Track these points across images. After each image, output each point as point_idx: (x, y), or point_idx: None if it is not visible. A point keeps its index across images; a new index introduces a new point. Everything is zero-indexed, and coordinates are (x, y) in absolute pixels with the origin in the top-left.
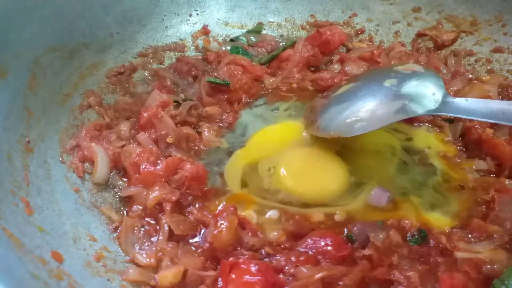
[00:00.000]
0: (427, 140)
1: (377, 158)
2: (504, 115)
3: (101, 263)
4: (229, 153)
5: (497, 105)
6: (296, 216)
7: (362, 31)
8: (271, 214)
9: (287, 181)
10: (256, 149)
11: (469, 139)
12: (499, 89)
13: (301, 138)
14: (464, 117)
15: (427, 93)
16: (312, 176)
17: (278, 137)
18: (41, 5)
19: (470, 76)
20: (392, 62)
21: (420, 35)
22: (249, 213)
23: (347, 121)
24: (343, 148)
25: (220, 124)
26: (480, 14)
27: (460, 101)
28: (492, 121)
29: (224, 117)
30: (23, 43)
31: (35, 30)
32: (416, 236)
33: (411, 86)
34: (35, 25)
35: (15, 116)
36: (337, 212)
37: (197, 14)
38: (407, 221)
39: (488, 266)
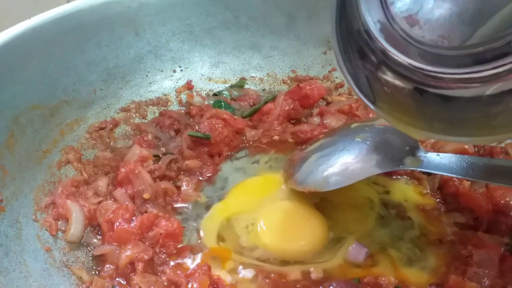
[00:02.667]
0: (404, 193)
1: (355, 211)
2: (474, 171)
3: None
4: (208, 207)
5: (467, 160)
6: (272, 275)
7: (341, 85)
8: (246, 273)
9: (264, 237)
10: (235, 202)
11: (447, 192)
12: None
13: (281, 191)
14: (435, 172)
15: (400, 148)
16: (291, 232)
17: (257, 190)
18: (24, 65)
19: None
20: (371, 115)
21: None
22: (223, 273)
23: (323, 175)
24: (322, 201)
25: (200, 178)
26: None
27: (432, 157)
28: (462, 177)
29: (204, 170)
30: (2, 103)
31: (16, 89)
32: None
33: (384, 141)
34: (17, 85)
35: None
36: (311, 269)
37: (181, 70)
38: (384, 278)
39: None
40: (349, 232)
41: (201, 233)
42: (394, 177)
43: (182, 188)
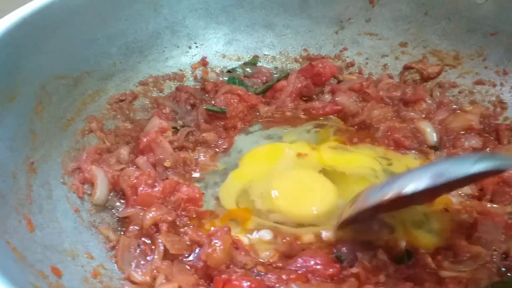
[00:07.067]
0: (408, 166)
1: (362, 181)
2: None
3: (97, 280)
4: (225, 176)
5: None
6: (288, 238)
7: (352, 64)
8: (264, 234)
9: (279, 203)
10: (249, 170)
11: None
12: (481, 119)
13: (288, 158)
14: None
15: None
16: (305, 197)
17: (267, 158)
18: (49, 35)
19: (454, 106)
20: (381, 93)
21: (407, 68)
22: (242, 235)
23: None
24: (326, 172)
25: (216, 149)
26: (462, 49)
27: None
28: None
29: (220, 142)
30: (31, 71)
31: (42, 59)
32: (403, 255)
33: None
34: (43, 55)
35: (21, 138)
36: (322, 232)
37: (197, 47)
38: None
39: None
40: None
41: (220, 198)
42: (402, 152)
43: (200, 159)
